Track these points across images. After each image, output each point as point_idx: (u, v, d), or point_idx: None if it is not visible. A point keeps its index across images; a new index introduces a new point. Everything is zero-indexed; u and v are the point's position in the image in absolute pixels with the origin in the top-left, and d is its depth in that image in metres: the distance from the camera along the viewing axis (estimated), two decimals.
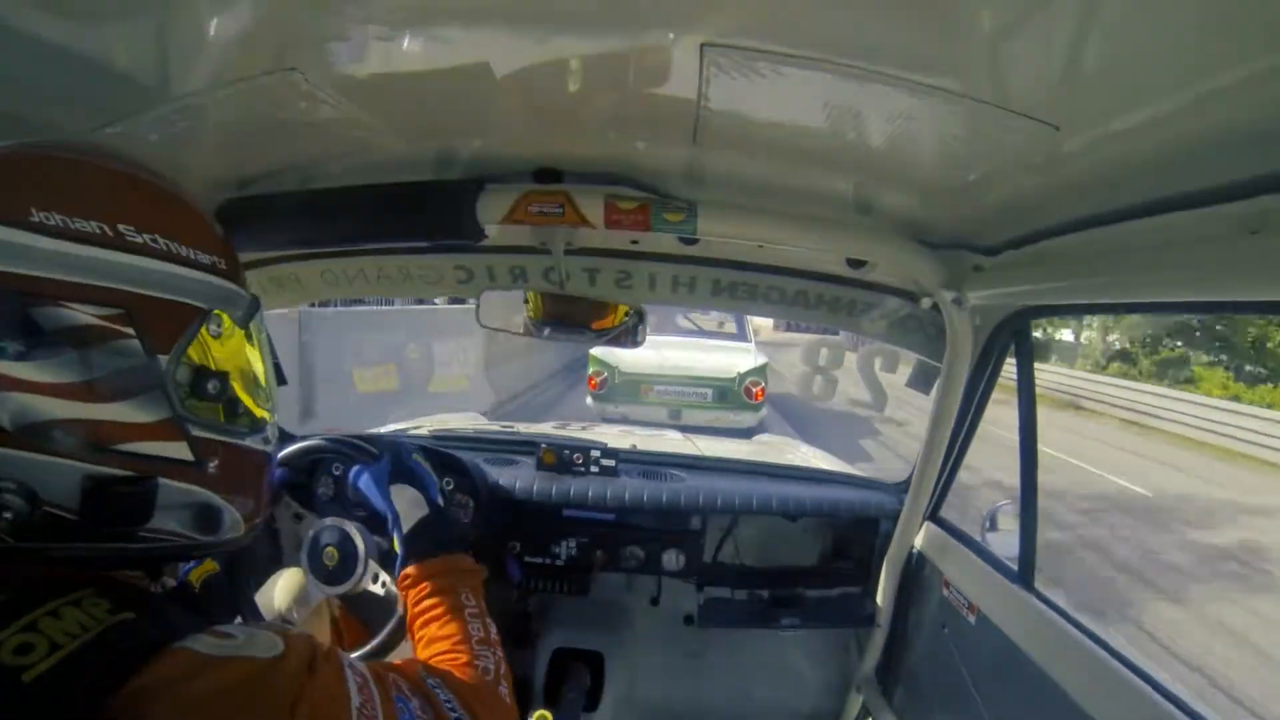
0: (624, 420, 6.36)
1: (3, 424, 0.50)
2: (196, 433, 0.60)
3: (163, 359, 0.57)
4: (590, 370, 6.91)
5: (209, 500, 0.62)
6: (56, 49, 0.73)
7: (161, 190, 0.62)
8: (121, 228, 0.55)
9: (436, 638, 0.87)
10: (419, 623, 0.92)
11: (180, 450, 0.59)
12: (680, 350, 6.87)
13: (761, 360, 7.02)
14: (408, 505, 1.08)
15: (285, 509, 1.33)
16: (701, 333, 7.43)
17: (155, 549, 0.59)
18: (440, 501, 1.11)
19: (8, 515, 0.50)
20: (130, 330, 0.55)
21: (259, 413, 0.69)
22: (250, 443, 0.67)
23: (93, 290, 0.53)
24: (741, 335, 7.50)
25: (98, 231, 0.54)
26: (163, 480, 0.58)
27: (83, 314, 0.52)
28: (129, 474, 0.55)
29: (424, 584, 0.94)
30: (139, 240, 0.56)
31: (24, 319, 0.51)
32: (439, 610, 0.90)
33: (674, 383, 6.82)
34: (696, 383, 6.83)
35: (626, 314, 1.51)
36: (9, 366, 0.50)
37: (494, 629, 0.90)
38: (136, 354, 0.55)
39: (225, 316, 0.63)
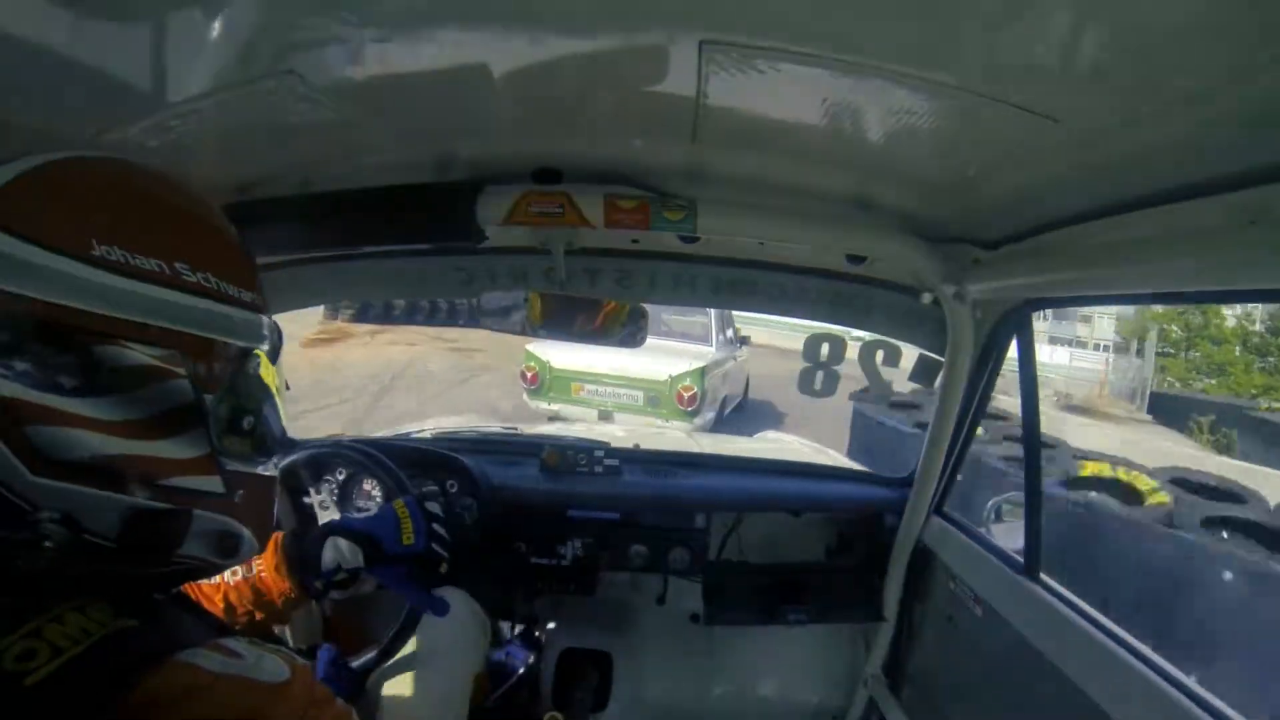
0: (557, 418, 6.14)
1: (55, 457, 0.50)
2: (230, 466, 0.60)
3: (208, 398, 0.57)
4: (525, 364, 6.64)
5: (234, 528, 0.62)
6: (53, 54, 0.73)
7: (209, 223, 0.62)
8: (178, 266, 0.54)
9: None
10: None
11: (214, 484, 0.59)
12: (615, 350, 6.23)
13: (699, 364, 6.49)
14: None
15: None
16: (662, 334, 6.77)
17: (177, 572, 0.60)
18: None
19: (49, 545, 0.50)
20: (182, 371, 0.55)
21: (274, 439, 0.68)
22: (265, 470, 0.67)
23: (151, 330, 0.53)
24: (703, 337, 6.97)
25: (156, 269, 0.53)
26: (197, 511, 0.58)
27: (140, 353, 0.52)
28: (168, 507, 0.56)
29: None
30: (193, 280, 0.55)
31: (83, 356, 0.50)
32: None
33: (605, 383, 6.46)
34: (628, 384, 6.44)
35: (618, 314, 1.51)
36: (65, 403, 0.50)
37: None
38: (186, 394, 0.55)
39: (262, 354, 0.63)
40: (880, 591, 1.84)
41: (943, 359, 1.52)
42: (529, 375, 6.58)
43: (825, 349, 1.56)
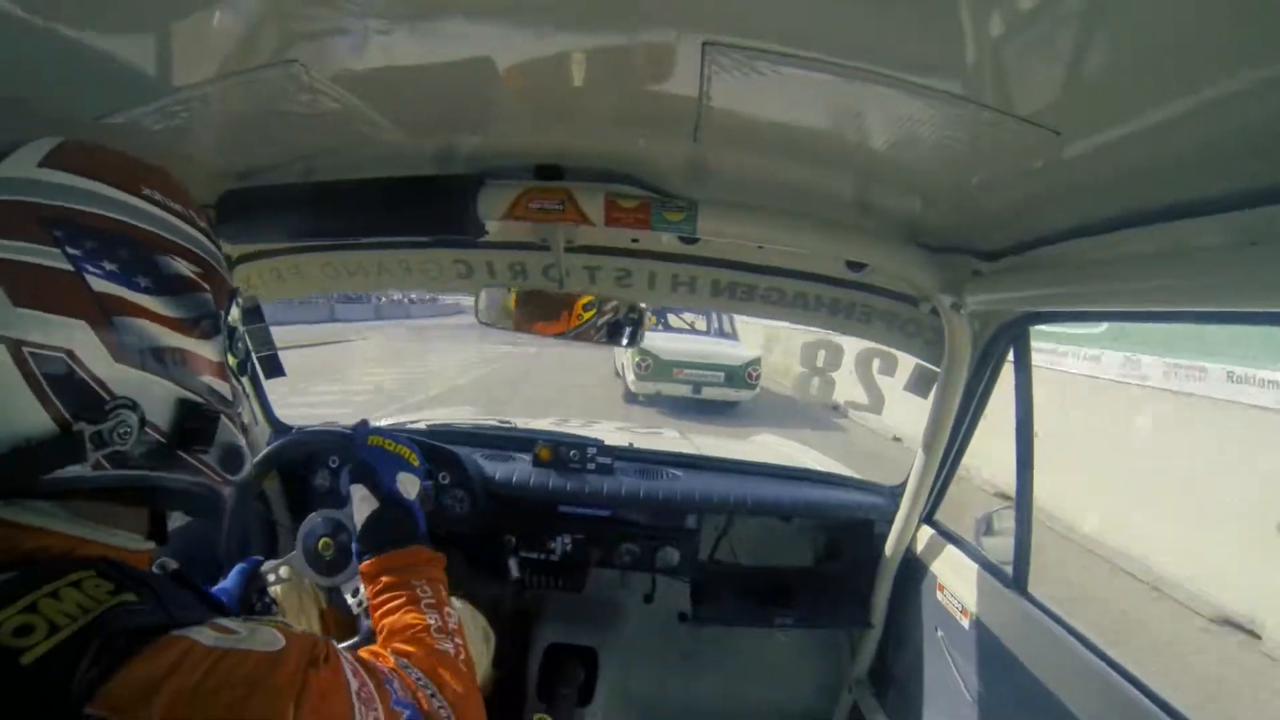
0: (657, 395, 9.38)
1: (131, 346, 0.60)
2: (233, 380, 0.72)
3: (221, 314, 0.70)
4: (636, 359, 9.16)
5: (239, 444, 0.72)
6: (61, 37, 0.73)
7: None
8: (191, 213, 0.68)
9: (395, 630, 0.90)
10: (378, 615, 0.95)
11: (227, 390, 0.70)
12: (697, 343, 9.61)
13: (758, 353, 9.87)
14: (359, 500, 1.09)
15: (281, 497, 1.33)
16: (694, 331, 10.13)
17: (197, 483, 0.68)
18: (397, 490, 1.11)
19: (123, 432, 0.59)
20: (206, 286, 0.67)
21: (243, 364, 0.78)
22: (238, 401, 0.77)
23: (186, 250, 0.66)
24: (732, 335, 10.47)
25: (180, 209, 0.66)
26: (222, 416, 0.68)
27: (183, 266, 0.65)
28: (204, 402, 0.66)
29: (379, 579, 0.98)
30: (201, 225, 0.69)
31: (148, 262, 0.62)
32: (395, 603, 0.93)
33: (698, 366, 9.28)
34: (714, 368, 9.34)
35: (591, 316, 1.50)
36: (140, 297, 0.61)
37: (453, 618, 0.93)
38: (210, 305, 0.68)
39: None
40: (868, 598, 1.84)
41: (939, 370, 1.52)
42: (643, 366, 9.12)
43: (822, 355, 1.56)
